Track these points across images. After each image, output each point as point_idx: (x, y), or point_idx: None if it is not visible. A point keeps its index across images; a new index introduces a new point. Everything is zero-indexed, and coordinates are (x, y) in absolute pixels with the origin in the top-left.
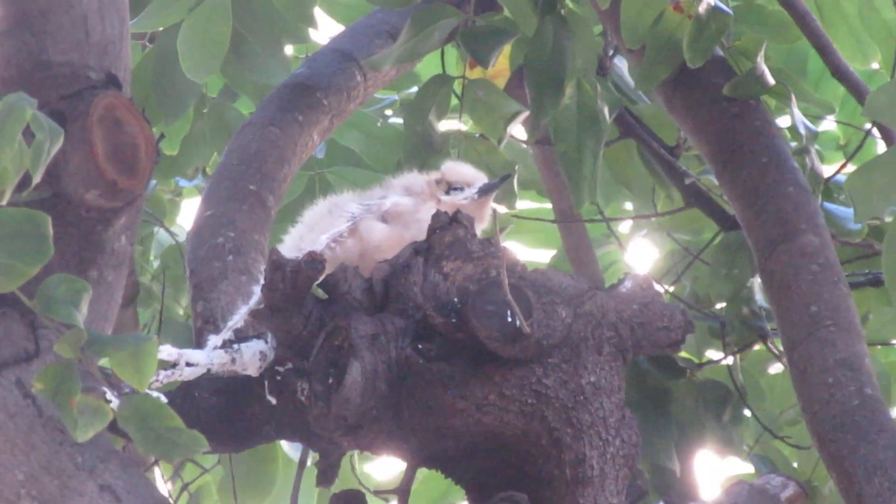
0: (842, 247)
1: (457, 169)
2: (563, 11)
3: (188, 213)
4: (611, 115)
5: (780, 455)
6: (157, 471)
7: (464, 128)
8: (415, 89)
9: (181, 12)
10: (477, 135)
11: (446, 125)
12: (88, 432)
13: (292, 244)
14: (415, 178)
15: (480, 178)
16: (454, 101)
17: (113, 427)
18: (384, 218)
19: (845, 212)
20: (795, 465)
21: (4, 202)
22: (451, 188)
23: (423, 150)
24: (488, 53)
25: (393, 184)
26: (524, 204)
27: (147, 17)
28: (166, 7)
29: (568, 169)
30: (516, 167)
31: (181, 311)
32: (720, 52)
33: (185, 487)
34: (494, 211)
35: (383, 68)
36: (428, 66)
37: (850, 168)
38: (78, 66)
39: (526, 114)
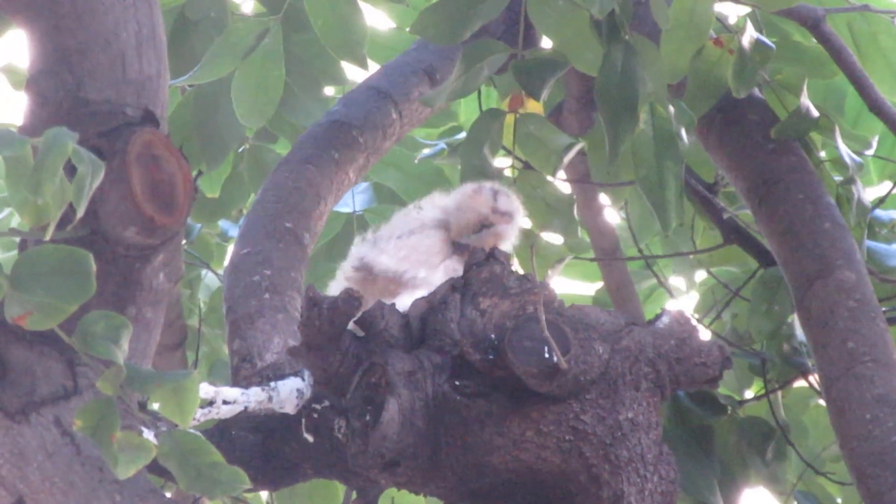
0: (882, 284)
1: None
2: (627, 37)
3: None
4: (688, 134)
5: (824, 492)
6: None
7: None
8: (463, 134)
9: (235, 61)
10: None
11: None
12: (130, 469)
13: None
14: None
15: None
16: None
17: (152, 466)
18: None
19: (885, 248)
20: (840, 501)
21: (48, 237)
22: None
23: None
24: (540, 87)
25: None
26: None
27: (202, 69)
28: (220, 57)
29: (650, 194)
30: (574, 198)
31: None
32: (756, 91)
33: None
34: (533, 246)
35: (437, 104)
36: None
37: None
38: (115, 104)
39: (579, 146)
